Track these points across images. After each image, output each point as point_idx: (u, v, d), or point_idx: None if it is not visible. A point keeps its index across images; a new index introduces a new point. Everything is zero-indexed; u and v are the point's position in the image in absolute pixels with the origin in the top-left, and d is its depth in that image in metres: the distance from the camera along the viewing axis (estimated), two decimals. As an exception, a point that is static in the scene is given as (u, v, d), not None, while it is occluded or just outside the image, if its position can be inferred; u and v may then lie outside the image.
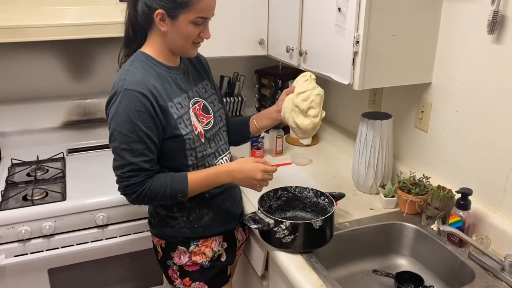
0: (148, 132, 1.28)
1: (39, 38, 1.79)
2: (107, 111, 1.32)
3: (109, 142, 1.32)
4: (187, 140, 1.36)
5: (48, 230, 1.70)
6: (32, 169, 2.04)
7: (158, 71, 1.35)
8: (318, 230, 1.35)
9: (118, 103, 1.27)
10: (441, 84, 1.57)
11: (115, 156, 1.31)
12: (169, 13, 1.27)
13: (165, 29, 1.30)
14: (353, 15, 1.42)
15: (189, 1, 1.25)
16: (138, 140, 1.27)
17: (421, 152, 1.70)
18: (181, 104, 1.37)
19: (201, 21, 1.30)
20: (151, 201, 1.35)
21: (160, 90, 1.32)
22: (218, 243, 1.52)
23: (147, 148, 1.29)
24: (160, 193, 1.32)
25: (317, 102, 1.46)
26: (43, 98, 2.20)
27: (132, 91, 1.26)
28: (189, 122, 1.37)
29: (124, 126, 1.26)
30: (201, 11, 1.28)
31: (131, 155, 1.28)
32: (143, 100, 1.26)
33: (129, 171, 1.29)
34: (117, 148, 1.29)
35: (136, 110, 1.26)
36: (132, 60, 1.35)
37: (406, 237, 1.55)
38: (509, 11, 1.28)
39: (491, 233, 1.38)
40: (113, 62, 1.49)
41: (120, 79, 1.30)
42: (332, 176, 1.91)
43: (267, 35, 2.03)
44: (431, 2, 1.49)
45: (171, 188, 1.33)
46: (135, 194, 1.31)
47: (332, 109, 2.29)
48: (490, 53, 1.36)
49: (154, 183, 1.32)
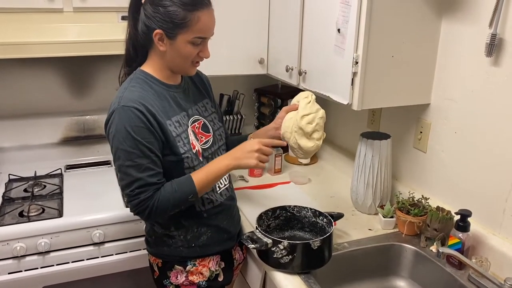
0: (150, 146, 1.28)
1: (40, 55, 1.80)
2: (107, 131, 1.32)
3: (113, 162, 1.32)
4: (185, 158, 1.35)
5: (43, 247, 1.68)
6: (29, 185, 2.03)
7: (156, 90, 1.35)
8: (317, 251, 1.34)
9: (117, 121, 1.27)
10: (440, 105, 1.58)
11: (121, 175, 1.30)
12: (167, 33, 1.28)
13: (164, 48, 1.31)
14: (352, 36, 1.43)
15: (187, 21, 1.26)
16: (141, 155, 1.27)
17: (420, 172, 1.70)
18: (180, 123, 1.37)
19: (200, 41, 1.31)
20: (164, 211, 1.32)
21: (158, 108, 1.32)
22: (216, 262, 1.51)
23: (152, 162, 1.29)
24: (171, 200, 1.31)
25: (321, 125, 1.46)
26: (42, 114, 2.20)
27: (128, 108, 1.26)
28: (187, 140, 1.37)
29: (126, 143, 1.26)
30: (199, 32, 1.29)
31: (136, 171, 1.27)
32: (140, 115, 1.26)
33: (137, 188, 1.28)
34: (122, 166, 1.28)
35: (135, 126, 1.26)
36: (131, 78, 1.36)
37: (405, 258, 1.54)
38: (507, 34, 1.29)
39: (490, 256, 1.36)
40: (113, 79, 1.50)
41: (118, 96, 1.31)
42: (331, 196, 1.91)
43: (267, 55, 2.05)
44: (429, 24, 1.51)
45: (179, 192, 1.31)
46: (147, 210, 1.30)
47: (331, 128, 2.29)
48: (488, 75, 1.37)
49: (162, 194, 1.31)
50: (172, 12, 1.25)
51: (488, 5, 1.33)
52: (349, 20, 1.44)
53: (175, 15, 1.25)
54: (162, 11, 1.26)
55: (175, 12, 1.25)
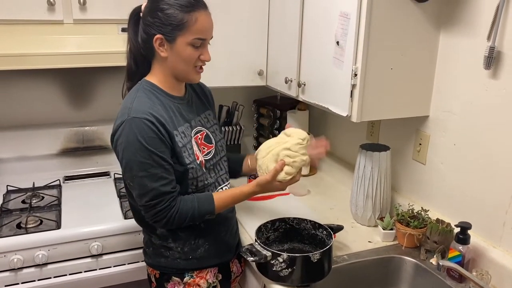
0: (162, 155, 1.29)
1: (39, 66, 1.80)
2: (116, 142, 1.31)
3: (123, 174, 1.32)
4: (190, 169, 1.36)
5: (41, 259, 1.66)
6: (27, 196, 2.01)
7: (162, 100, 1.36)
8: (316, 263, 1.33)
9: (127, 132, 1.27)
10: (439, 117, 1.58)
11: (135, 186, 1.30)
12: (167, 37, 1.29)
13: (165, 54, 1.32)
14: (351, 48, 1.44)
15: (185, 22, 1.28)
16: (155, 165, 1.28)
17: (420, 184, 1.70)
18: (185, 133, 1.38)
19: (199, 42, 1.32)
20: (181, 223, 1.35)
21: (166, 118, 1.32)
22: (213, 274, 1.50)
23: (165, 170, 1.30)
24: (189, 216, 1.34)
25: (297, 166, 1.39)
26: (41, 125, 2.20)
27: (139, 119, 1.27)
28: (192, 151, 1.38)
29: (139, 153, 1.26)
30: (197, 32, 1.30)
31: (151, 180, 1.28)
32: (151, 126, 1.27)
33: (151, 199, 1.29)
34: (136, 177, 1.28)
35: (148, 136, 1.26)
36: (137, 88, 1.36)
37: (405, 271, 1.53)
38: (505, 47, 1.30)
39: (491, 268, 1.36)
40: (112, 91, 1.51)
41: (126, 107, 1.31)
42: (331, 208, 1.90)
43: (266, 66, 2.06)
44: (428, 36, 1.52)
45: (199, 211, 1.35)
46: (164, 220, 1.32)
47: (330, 140, 2.27)
48: (487, 88, 1.38)
49: (182, 207, 1.32)
50: (170, 15, 1.27)
51: (486, 18, 1.34)
52: (348, 33, 1.45)
53: (173, 17, 1.27)
54: (161, 15, 1.28)
55: (173, 14, 1.27)
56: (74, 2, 1.84)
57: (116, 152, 1.32)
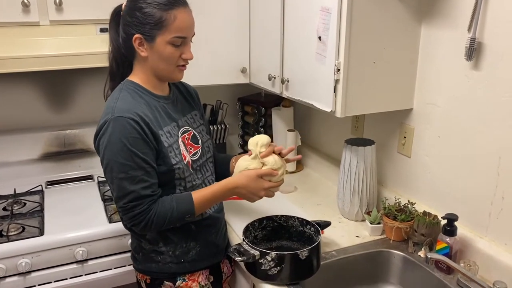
0: (145, 157, 1.26)
1: (17, 70, 1.76)
2: (98, 142, 1.29)
3: (104, 173, 1.30)
4: (176, 169, 1.33)
5: (24, 267, 1.63)
6: (8, 203, 1.97)
7: (147, 100, 1.33)
8: (305, 261, 1.32)
9: (110, 132, 1.24)
10: (422, 110, 1.58)
11: (114, 187, 1.27)
12: (146, 36, 1.27)
13: (145, 54, 1.30)
14: (333, 43, 1.43)
15: (163, 21, 1.25)
16: (136, 167, 1.25)
17: (405, 177, 1.70)
18: (171, 133, 1.35)
19: (180, 41, 1.29)
20: (159, 227, 1.31)
21: (151, 118, 1.30)
22: (205, 276, 1.48)
23: (146, 173, 1.27)
24: (167, 217, 1.30)
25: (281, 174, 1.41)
26: (21, 130, 2.15)
27: (123, 118, 1.24)
28: (179, 151, 1.35)
29: (120, 154, 1.24)
30: (176, 31, 1.27)
31: (130, 183, 1.25)
32: (135, 126, 1.24)
33: (130, 201, 1.26)
34: (115, 178, 1.25)
35: (131, 137, 1.24)
36: (120, 88, 1.34)
37: (393, 264, 1.53)
38: (485, 38, 1.30)
39: (478, 259, 1.36)
40: (92, 92, 1.48)
41: (110, 106, 1.28)
42: (318, 204, 1.89)
43: (249, 64, 2.04)
44: (410, 29, 1.52)
45: (177, 211, 1.31)
46: (142, 223, 1.28)
47: (315, 136, 2.29)
48: (469, 79, 1.38)
49: (160, 209, 1.29)
50: (148, 13, 1.25)
51: (466, 9, 1.34)
52: (330, 28, 1.44)
53: (151, 16, 1.25)
54: (139, 14, 1.26)
55: (151, 13, 1.25)
56: (50, 2, 1.80)
57: (98, 152, 1.30)
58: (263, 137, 1.42)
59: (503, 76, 1.28)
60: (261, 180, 1.37)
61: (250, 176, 1.36)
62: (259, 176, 1.37)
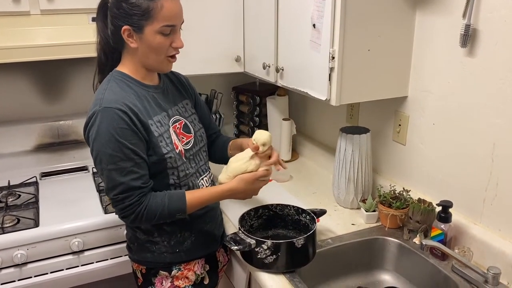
0: (134, 148, 1.25)
1: (8, 60, 1.74)
2: (87, 133, 1.28)
3: (94, 165, 1.29)
4: (168, 159, 1.33)
5: (20, 259, 1.62)
6: (3, 195, 1.96)
7: (136, 90, 1.32)
8: (301, 249, 1.33)
9: (98, 123, 1.23)
10: (417, 97, 1.58)
11: (104, 179, 1.27)
12: (134, 27, 1.26)
13: (135, 45, 1.28)
14: (328, 31, 1.42)
15: (150, 10, 1.24)
16: (125, 158, 1.24)
17: (400, 165, 1.70)
18: (161, 123, 1.34)
19: (169, 30, 1.28)
20: (149, 221, 1.31)
21: (140, 108, 1.29)
22: (201, 266, 1.48)
23: (136, 164, 1.26)
24: (158, 213, 1.29)
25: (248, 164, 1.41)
26: (14, 121, 2.13)
27: (111, 109, 1.23)
28: (170, 140, 1.35)
29: (108, 145, 1.23)
30: (165, 19, 1.26)
31: (119, 174, 1.24)
32: (124, 116, 1.23)
33: (120, 193, 1.25)
34: (105, 170, 1.25)
35: (119, 127, 1.23)
36: (108, 79, 1.32)
37: (389, 251, 1.54)
38: (480, 24, 1.30)
39: (472, 245, 1.37)
40: (85, 82, 1.46)
41: (98, 98, 1.27)
42: (313, 192, 1.90)
43: (244, 52, 2.02)
44: (404, 16, 1.51)
45: (168, 208, 1.30)
46: (132, 215, 1.28)
47: (310, 124, 2.29)
48: (464, 66, 1.38)
49: (151, 203, 1.28)
50: (134, 4, 1.23)
51: (461, -4, 1.34)
52: (324, 15, 1.43)
53: (137, 6, 1.23)
54: (125, 6, 1.24)
55: (137, 3, 1.23)
56: (41, -9, 1.77)
57: (88, 144, 1.29)
58: (270, 137, 1.42)
59: (498, 62, 1.27)
60: (257, 181, 1.40)
61: (248, 180, 1.38)
62: (256, 179, 1.38)
